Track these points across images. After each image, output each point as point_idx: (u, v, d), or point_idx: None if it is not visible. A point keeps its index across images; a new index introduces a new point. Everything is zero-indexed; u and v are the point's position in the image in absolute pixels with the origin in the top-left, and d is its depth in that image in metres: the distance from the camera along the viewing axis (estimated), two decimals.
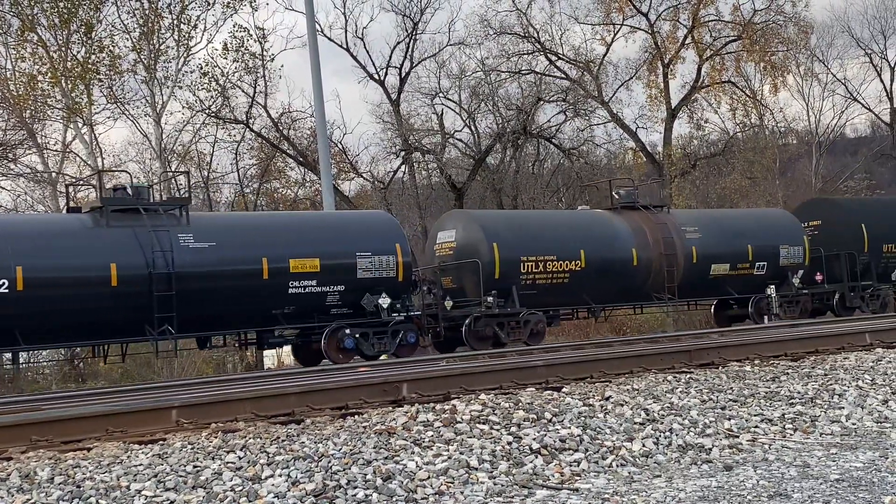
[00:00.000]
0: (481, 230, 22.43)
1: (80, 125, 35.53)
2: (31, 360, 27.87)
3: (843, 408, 8.65)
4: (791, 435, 7.80)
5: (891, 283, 28.96)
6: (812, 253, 27.43)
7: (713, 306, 28.05)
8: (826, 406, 8.70)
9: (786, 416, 8.28)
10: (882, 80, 50.13)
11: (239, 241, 19.29)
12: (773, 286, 26.50)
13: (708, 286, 25.76)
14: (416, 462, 6.46)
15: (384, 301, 19.97)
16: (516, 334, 21.75)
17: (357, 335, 19.57)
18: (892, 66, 49.84)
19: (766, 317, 27.00)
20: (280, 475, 6.14)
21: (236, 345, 21.32)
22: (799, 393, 9.10)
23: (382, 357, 19.65)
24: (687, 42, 43.88)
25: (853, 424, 8.16)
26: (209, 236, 18.89)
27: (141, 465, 6.44)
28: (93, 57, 34.59)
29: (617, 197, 25.78)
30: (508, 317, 21.79)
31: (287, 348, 22.89)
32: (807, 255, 27.04)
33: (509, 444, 6.94)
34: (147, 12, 34.63)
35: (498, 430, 7.23)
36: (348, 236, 20.56)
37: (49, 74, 34.10)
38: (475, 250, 22.17)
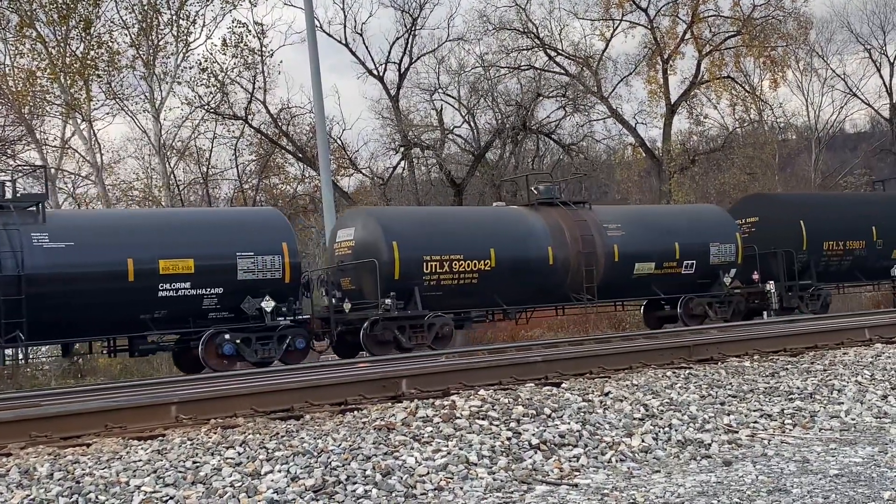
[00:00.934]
0: (380, 228, 21.23)
1: (78, 121, 35.53)
2: (31, 356, 27.87)
3: (843, 403, 8.65)
4: (790, 430, 7.80)
5: (835, 283, 28.03)
6: (746, 251, 26.17)
7: (643, 307, 26.82)
8: (825, 401, 8.70)
9: (785, 411, 8.28)
10: (881, 76, 50.16)
11: (101, 241, 18.03)
12: (771, 282, 26.24)
13: (632, 286, 24.46)
14: (416, 457, 6.46)
15: (268, 304, 18.76)
16: (419, 338, 20.55)
17: (238, 341, 18.38)
18: (892, 61, 49.86)
19: (765, 313, 26.92)
20: (279, 471, 6.14)
21: (104, 352, 20.13)
22: (798, 388, 9.10)
23: (286, 362, 18.55)
24: (686, 37, 43.85)
25: (852, 420, 8.16)
26: (67, 235, 17.68)
27: (140, 460, 6.44)
28: (91, 53, 34.58)
29: (536, 193, 24.61)
30: (410, 320, 20.58)
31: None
32: (739, 253, 25.72)
33: (508, 439, 6.94)
34: (146, 8, 34.61)
35: (497, 425, 7.23)
36: (228, 235, 19.25)
37: (48, 70, 34.10)
38: (374, 249, 20.98)
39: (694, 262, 24.85)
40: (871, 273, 28.50)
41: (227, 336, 18.36)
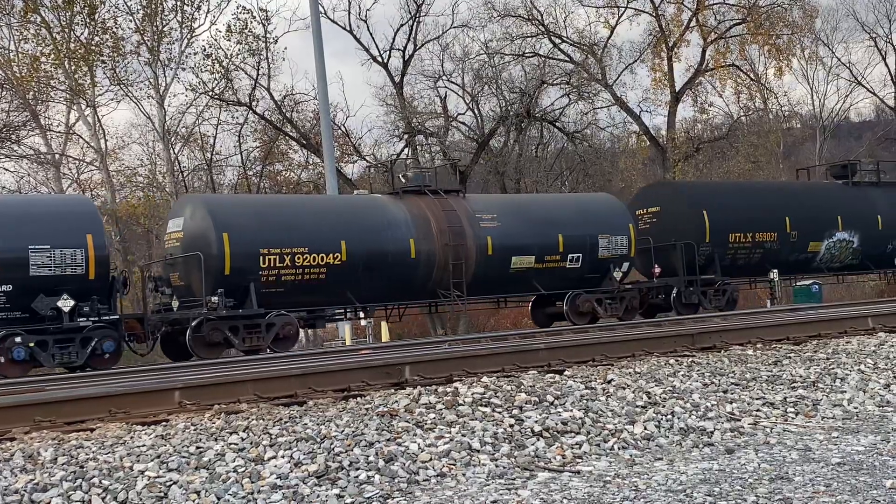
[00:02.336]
0: (209, 217, 19.25)
1: (83, 107, 35.54)
2: None
3: (845, 392, 8.65)
4: (793, 419, 7.81)
5: (746, 277, 26.31)
6: (641, 244, 24.42)
7: (530, 304, 24.62)
8: (828, 390, 8.71)
9: (788, 399, 8.29)
10: (887, 64, 50.13)
11: None
12: (774, 271, 25.85)
13: (510, 282, 22.53)
14: (419, 444, 6.47)
15: (65, 303, 16.87)
16: (256, 340, 18.74)
17: (32, 344, 16.60)
18: None
19: (769, 301, 26.81)
20: (283, 456, 6.16)
21: None
22: (801, 377, 9.11)
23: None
24: (691, 25, 43.73)
25: (855, 408, 8.17)
26: None
27: (144, 445, 6.46)
28: (96, 38, 34.59)
29: (404, 181, 22.78)
30: (245, 319, 18.77)
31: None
32: (632, 246, 23.74)
33: (511, 426, 6.95)
34: None
35: (500, 412, 7.25)
36: (19, 226, 17.32)
37: (52, 56, 34.11)
38: (203, 241, 19.07)
39: (580, 255, 22.96)
40: (786, 267, 26.72)
41: (17, 339, 16.61)
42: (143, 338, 18.65)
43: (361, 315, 22.54)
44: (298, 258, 19.69)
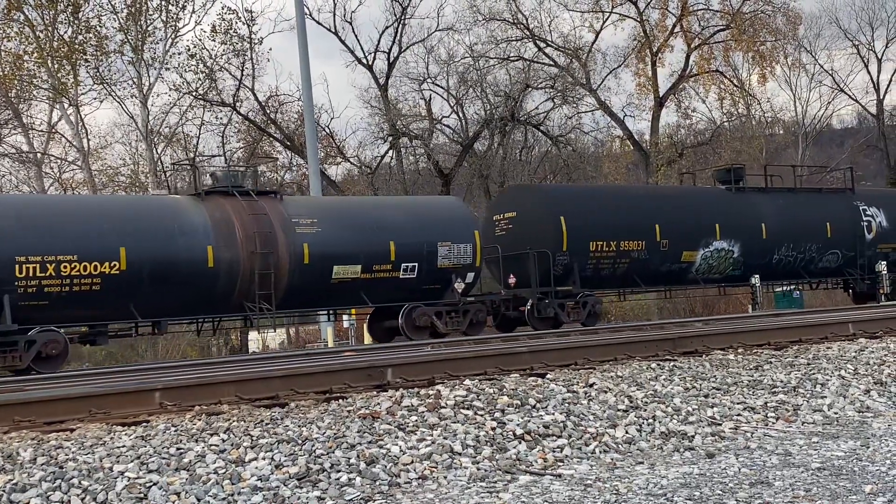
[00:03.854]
0: None
1: (66, 106, 35.38)
2: None
3: (826, 397, 8.69)
4: (773, 423, 7.84)
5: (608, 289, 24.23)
6: (492, 252, 22.67)
7: (368, 318, 22.45)
8: (808, 395, 8.74)
9: (768, 404, 8.32)
10: (869, 72, 50.40)
11: None
12: (756, 276, 25.52)
13: (332, 293, 20.16)
14: (400, 446, 6.46)
15: None
16: (10, 359, 16.57)
17: None
18: (879, 57, 50.15)
19: (751, 307, 26.73)
20: (264, 458, 6.14)
21: None
22: (782, 382, 9.14)
23: None
24: (676, 31, 43.98)
25: (835, 413, 8.21)
26: None
27: (124, 446, 6.43)
28: (80, 37, 34.44)
29: (213, 181, 20.30)
30: None
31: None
32: (478, 255, 21.49)
33: (493, 429, 6.95)
34: None
35: (482, 415, 7.25)
36: None
37: (35, 54, 33.95)
38: None
39: (416, 264, 20.68)
40: (656, 278, 24.72)
41: None
42: None
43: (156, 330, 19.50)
44: (65, 267, 17.28)
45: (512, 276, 22.79)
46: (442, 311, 20.78)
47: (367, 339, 26.50)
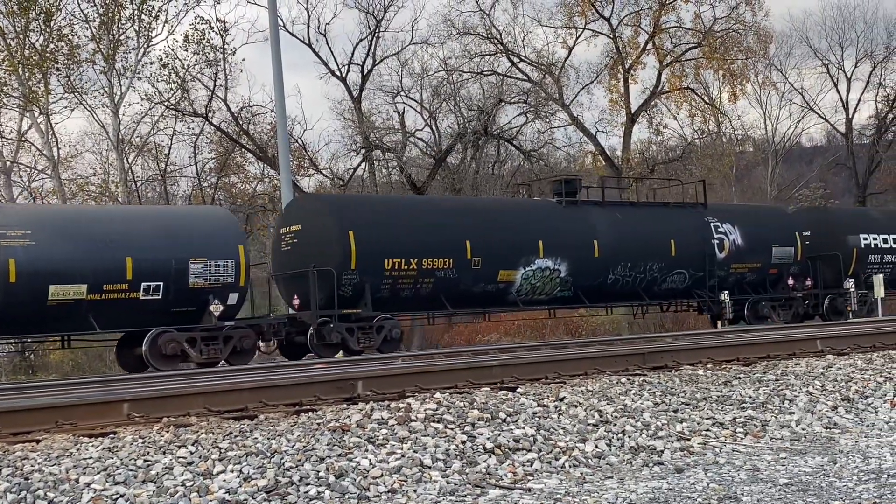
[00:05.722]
0: None
1: (36, 114, 35.10)
2: None
3: (794, 413, 8.75)
4: (742, 439, 7.88)
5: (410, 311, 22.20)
6: (279, 269, 20.93)
7: (116, 346, 19.76)
8: (777, 411, 8.80)
9: (737, 420, 8.36)
10: (838, 91, 50.83)
11: None
12: (725, 292, 25.12)
13: (48, 318, 17.53)
14: (370, 460, 6.45)
15: None
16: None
17: None
18: (849, 76, 50.54)
19: (719, 322, 26.63)
20: (232, 471, 6.10)
21: None
22: (750, 397, 9.19)
23: None
24: (648, 48, 44.25)
25: (803, 430, 8.26)
26: None
27: (91, 458, 6.37)
28: (51, 45, 34.20)
29: None
30: None
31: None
32: (242, 274, 19.11)
33: (463, 443, 6.95)
34: (108, 1, 34.29)
35: (452, 429, 7.24)
36: None
37: (6, 62, 33.66)
38: None
39: (161, 284, 18.27)
40: (469, 300, 22.29)
41: None
42: None
43: None
44: None
45: (296, 296, 20.70)
46: (196, 337, 18.37)
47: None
